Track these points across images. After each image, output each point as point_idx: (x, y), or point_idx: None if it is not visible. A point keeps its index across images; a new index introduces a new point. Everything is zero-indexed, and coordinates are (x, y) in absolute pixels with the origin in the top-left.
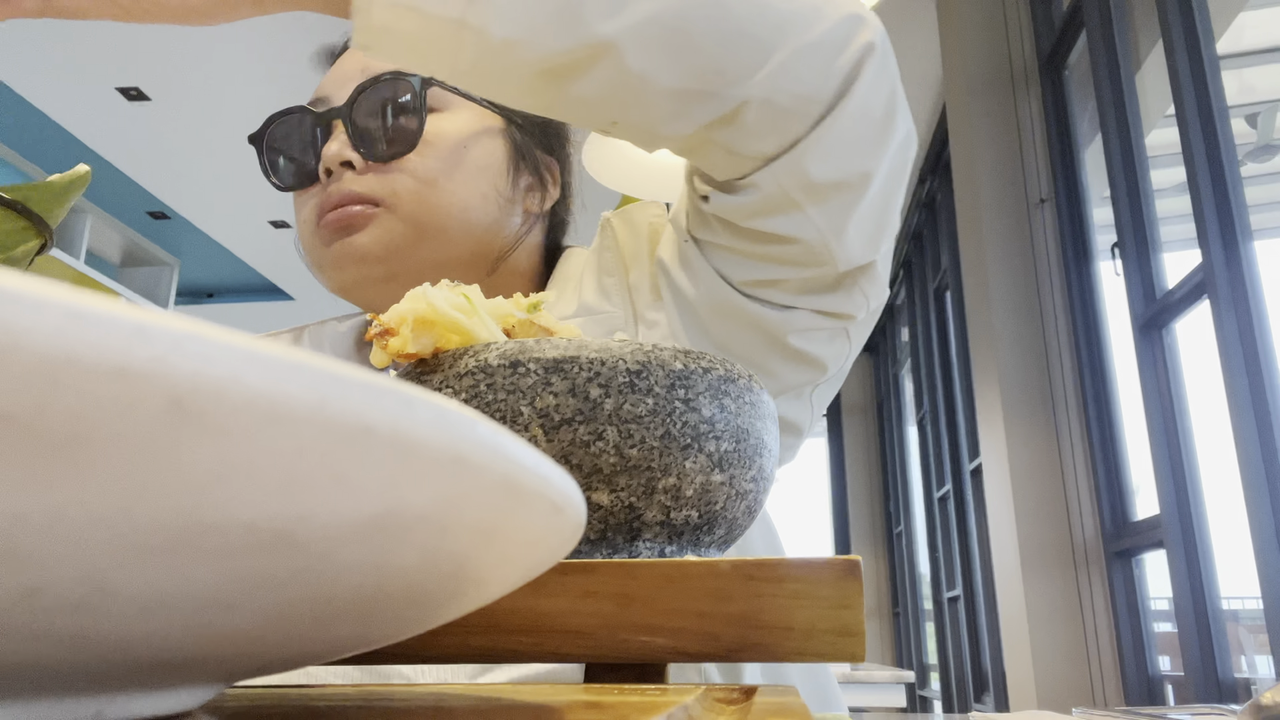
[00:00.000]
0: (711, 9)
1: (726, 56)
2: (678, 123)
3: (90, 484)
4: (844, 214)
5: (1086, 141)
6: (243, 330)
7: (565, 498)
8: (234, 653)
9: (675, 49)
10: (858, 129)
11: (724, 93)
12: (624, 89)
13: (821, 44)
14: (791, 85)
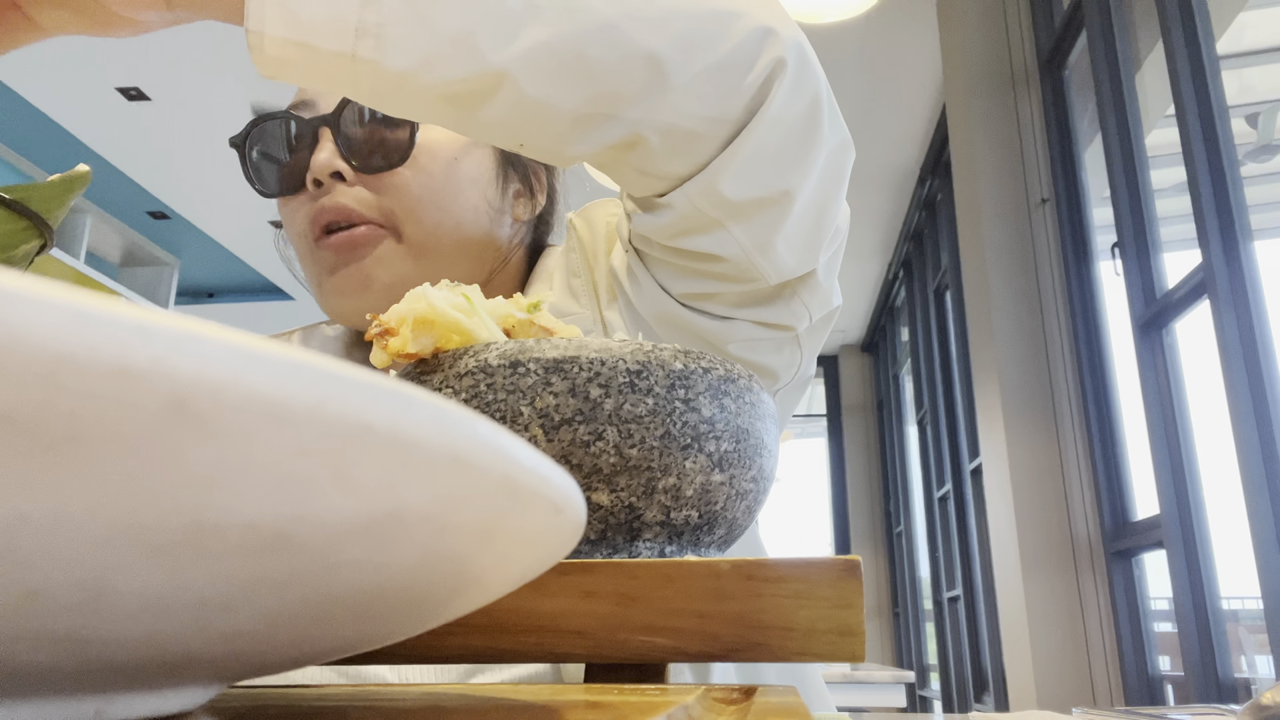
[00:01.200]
0: (606, 33)
1: (623, 80)
2: (581, 145)
3: (90, 484)
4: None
5: (1086, 141)
6: (243, 330)
7: (565, 498)
8: (234, 653)
9: (570, 75)
10: (774, 146)
11: (623, 115)
12: (525, 114)
13: (726, 64)
14: (695, 108)
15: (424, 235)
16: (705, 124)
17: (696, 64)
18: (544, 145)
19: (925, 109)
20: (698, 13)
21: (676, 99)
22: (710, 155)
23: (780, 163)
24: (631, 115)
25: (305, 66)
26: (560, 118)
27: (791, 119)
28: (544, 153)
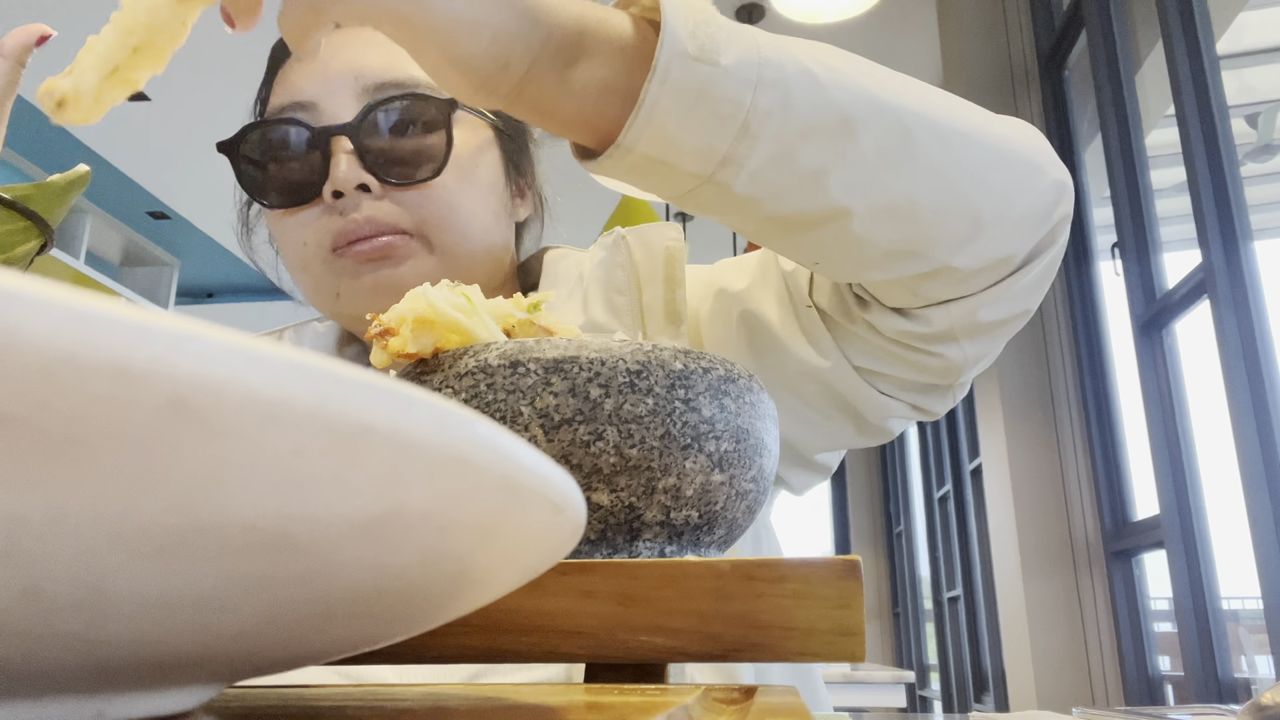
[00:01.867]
0: (939, 184)
1: (942, 228)
2: (879, 273)
3: (90, 484)
4: (994, 344)
5: (1086, 141)
6: (243, 330)
7: (565, 498)
8: (234, 653)
9: (899, 219)
10: (1037, 280)
11: (932, 256)
12: (842, 245)
13: (1030, 214)
14: (995, 252)
15: (454, 243)
16: (997, 265)
17: (1008, 215)
18: (843, 266)
19: None
20: (1011, 164)
21: (983, 246)
22: (985, 287)
23: (1033, 293)
24: (938, 256)
25: (647, 175)
26: (874, 251)
27: (1054, 258)
28: (841, 272)
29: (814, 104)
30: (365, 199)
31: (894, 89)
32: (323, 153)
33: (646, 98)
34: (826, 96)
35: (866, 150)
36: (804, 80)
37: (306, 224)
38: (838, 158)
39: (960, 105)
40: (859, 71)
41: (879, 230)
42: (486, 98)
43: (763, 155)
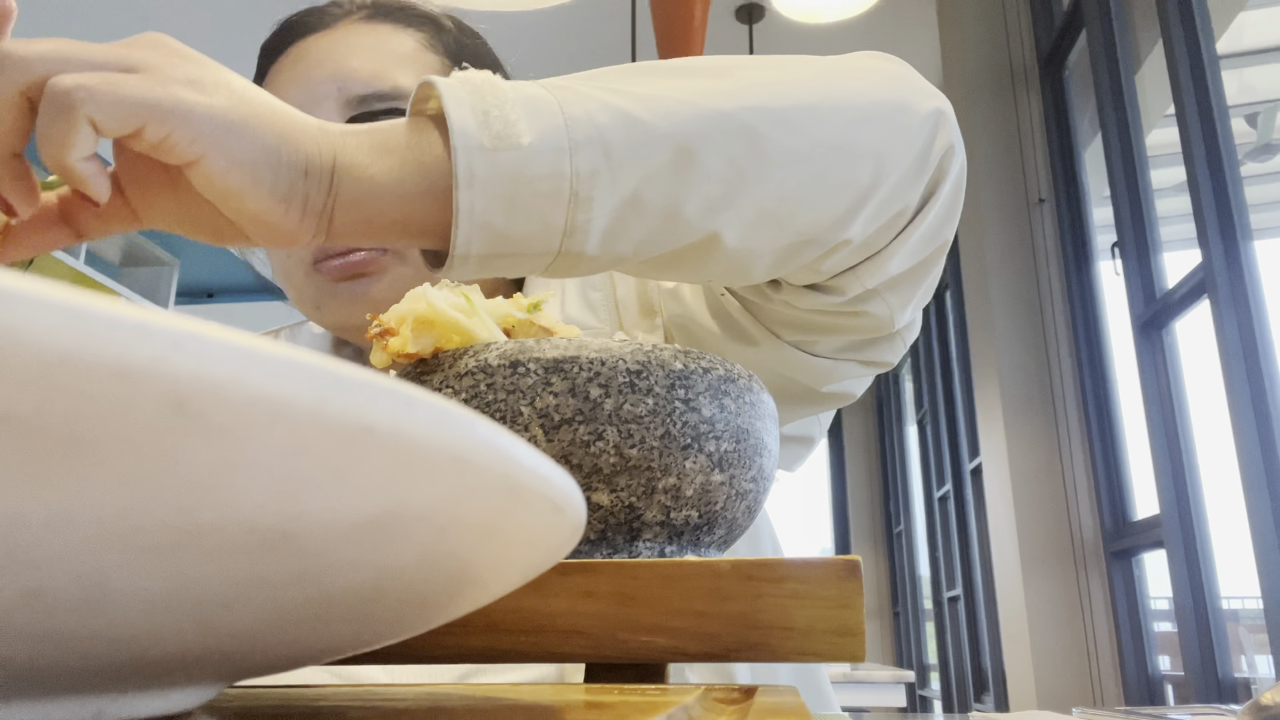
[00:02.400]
0: (801, 172)
1: (822, 212)
2: (775, 272)
3: (90, 484)
4: (917, 286)
5: (1086, 141)
6: (243, 330)
7: (565, 498)
8: (234, 653)
9: (774, 222)
10: (939, 218)
11: (821, 239)
12: (725, 262)
13: (908, 161)
14: (885, 213)
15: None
16: (891, 221)
17: (887, 174)
18: (738, 278)
19: None
20: (873, 117)
21: (873, 212)
22: (886, 244)
23: (942, 229)
24: (830, 237)
25: (498, 268)
26: (761, 256)
27: (953, 188)
28: (735, 283)
29: (640, 144)
30: None
31: (725, 90)
32: None
33: (460, 206)
34: (650, 131)
35: (713, 167)
36: (620, 123)
37: None
38: (684, 187)
39: (801, 73)
40: (680, 87)
41: (757, 239)
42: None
43: (604, 214)
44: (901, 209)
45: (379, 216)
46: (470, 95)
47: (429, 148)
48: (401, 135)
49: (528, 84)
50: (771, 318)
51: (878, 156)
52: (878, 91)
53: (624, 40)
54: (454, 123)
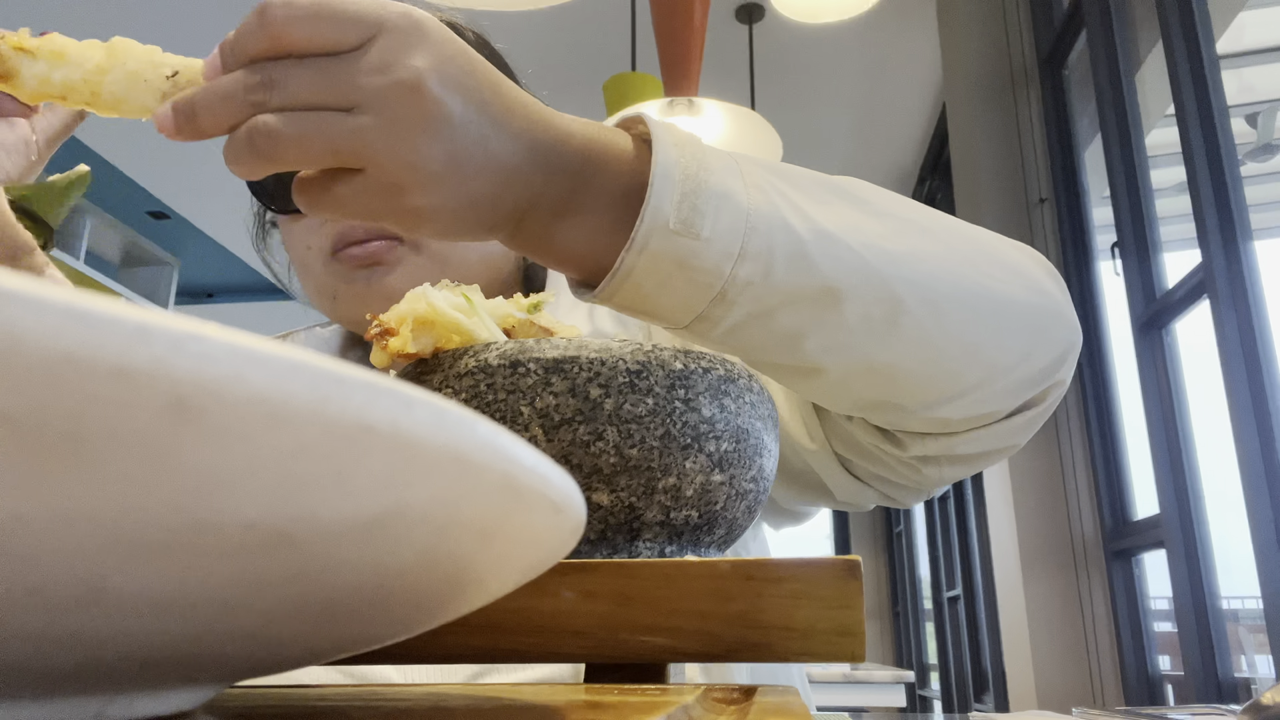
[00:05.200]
0: (922, 353)
1: (922, 391)
2: (856, 411)
3: (90, 484)
4: (970, 469)
5: (1086, 141)
6: (243, 330)
7: (565, 498)
8: (234, 653)
9: (877, 381)
10: (1021, 427)
11: (914, 410)
12: (816, 389)
13: (1023, 384)
14: (978, 410)
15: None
16: (979, 417)
17: (999, 383)
18: (818, 400)
19: (925, 109)
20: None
21: (965, 405)
22: (964, 430)
23: (1018, 435)
24: (916, 411)
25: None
26: (849, 398)
27: (1045, 410)
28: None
29: (798, 275)
30: None
31: (895, 252)
32: None
33: (622, 265)
34: (812, 268)
35: (850, 319)
36: (791, 251)
37: (311, 229)
38: (817, 324)
39: (970, 254)
40: (861, 230)
41: (855, 386)
42: (484, 235)
43: (738, 316)
44: (993, 411)
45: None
46: (680, 172)
47: (627, 178)
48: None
49: (730, 164)
50: (832, 428)
51: (998, 367)
52: (1028, 307)
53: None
54: (655, 194)
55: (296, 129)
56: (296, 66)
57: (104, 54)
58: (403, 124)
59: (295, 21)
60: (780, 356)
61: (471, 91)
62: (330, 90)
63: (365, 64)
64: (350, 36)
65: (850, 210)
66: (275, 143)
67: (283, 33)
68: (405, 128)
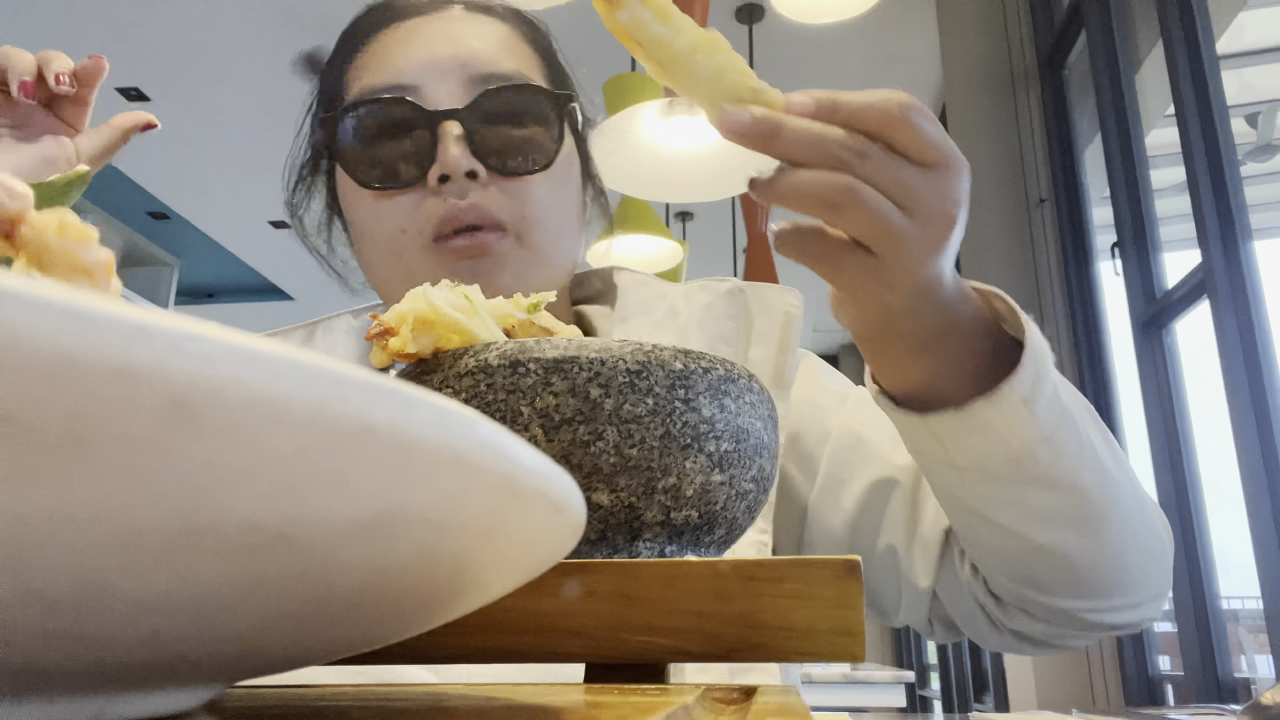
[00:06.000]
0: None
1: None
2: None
3: (90, 484)
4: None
5: (1086, 141)
6: (243, 330)
7: (565, 498)
8: (234, 653)
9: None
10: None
11: (1058, 599)
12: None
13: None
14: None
15: (545, 242)
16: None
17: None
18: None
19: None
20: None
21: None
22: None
23: (1076, 641)
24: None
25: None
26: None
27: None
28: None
29: (1067, 471)
30: (471, 186)
31: (1115, 476)
32: (431, 137)
33: (971, 408)
34: (1078, 469)
35: (1072, 509)
36: (1073, 453)
37: (407, 210)
38: (1051, 503)
39: (1144, 502)
40: (1101, 453)
41: (1033, 558)
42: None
43: (1008, 474)
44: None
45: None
46: (1038, 356)
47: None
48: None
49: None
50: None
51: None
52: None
53: None
54: (1021, 370)
55: (871, 201)
56: (891, 156)
57: (703, 35)
58: (929, 242)
59: (912, 125)
60: (997, 512)
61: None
62: (903, 190)
63: (936, 183)
64: (934, 157)
65: (1098, 435)
66: (849, 197)
67: (899, 125)
68: (928, 245)
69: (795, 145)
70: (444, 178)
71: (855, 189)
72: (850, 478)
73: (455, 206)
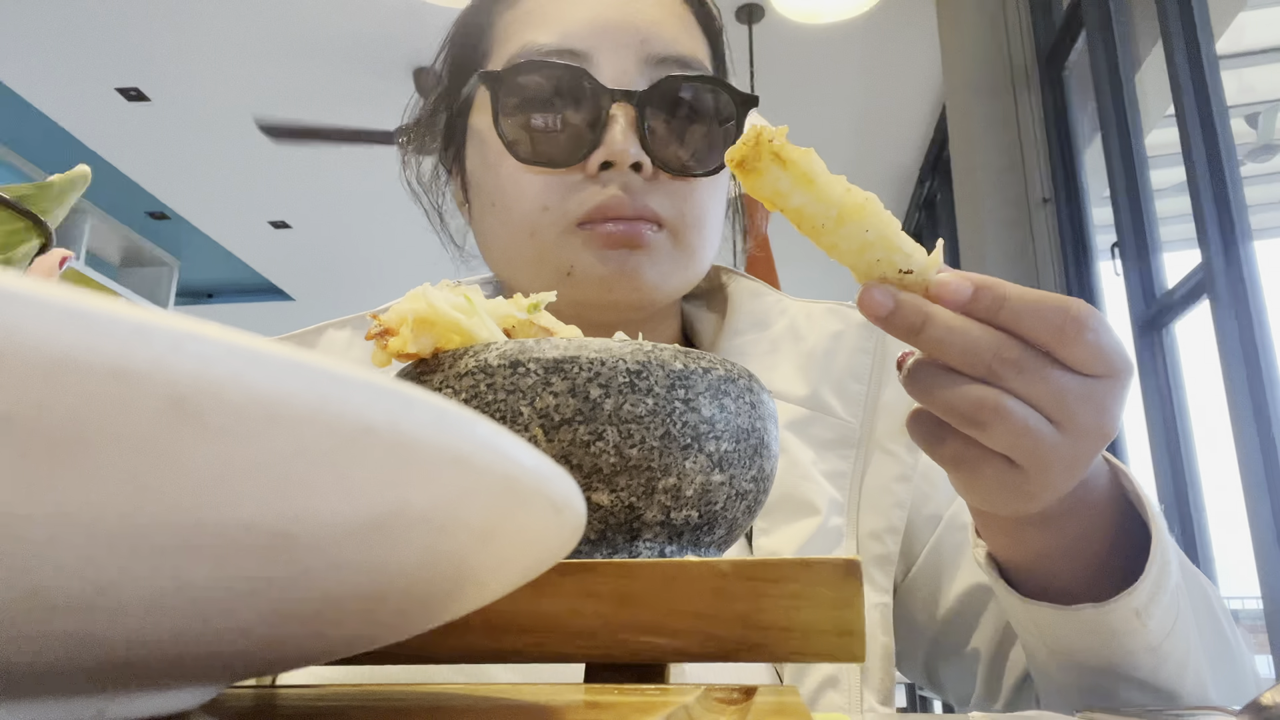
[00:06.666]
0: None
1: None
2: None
3: (90, 484)
4: None
5: (1086, 141)
6: (243, 330)
7: (565, 498)
8: (234, 653)
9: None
10: None
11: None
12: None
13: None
14: None
15: (698, 246)
16: None
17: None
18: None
19: (925, 109)
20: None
21: None
22: None
23: None
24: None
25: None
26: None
27: None
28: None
29: (1166, 677)
30: (633, 178)
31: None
32: (599, 116)
33: (1081, 613)
34: (1177, 677)
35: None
36: (1179, 661)
37: (558, 191)
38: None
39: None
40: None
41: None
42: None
43: (1098, 673)
44: None
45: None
46: (1159, 571)
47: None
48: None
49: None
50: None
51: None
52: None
53: None
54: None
55: (1020, 419)
56: (1051, 367)
57: (850, 204)
58: (1079, 457)
59: (1085, 342)
60: (1081, 697)
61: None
62: (1058, 405)
63: (1095, 396)
64: (1100, 368)
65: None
66: (996, 416)
67: (1072, 341)
68: (1077, 460)
69: (942, 346)
70: (606, 164)
71: (1004, 409)
72: (955, 572)
73: (614, 197)
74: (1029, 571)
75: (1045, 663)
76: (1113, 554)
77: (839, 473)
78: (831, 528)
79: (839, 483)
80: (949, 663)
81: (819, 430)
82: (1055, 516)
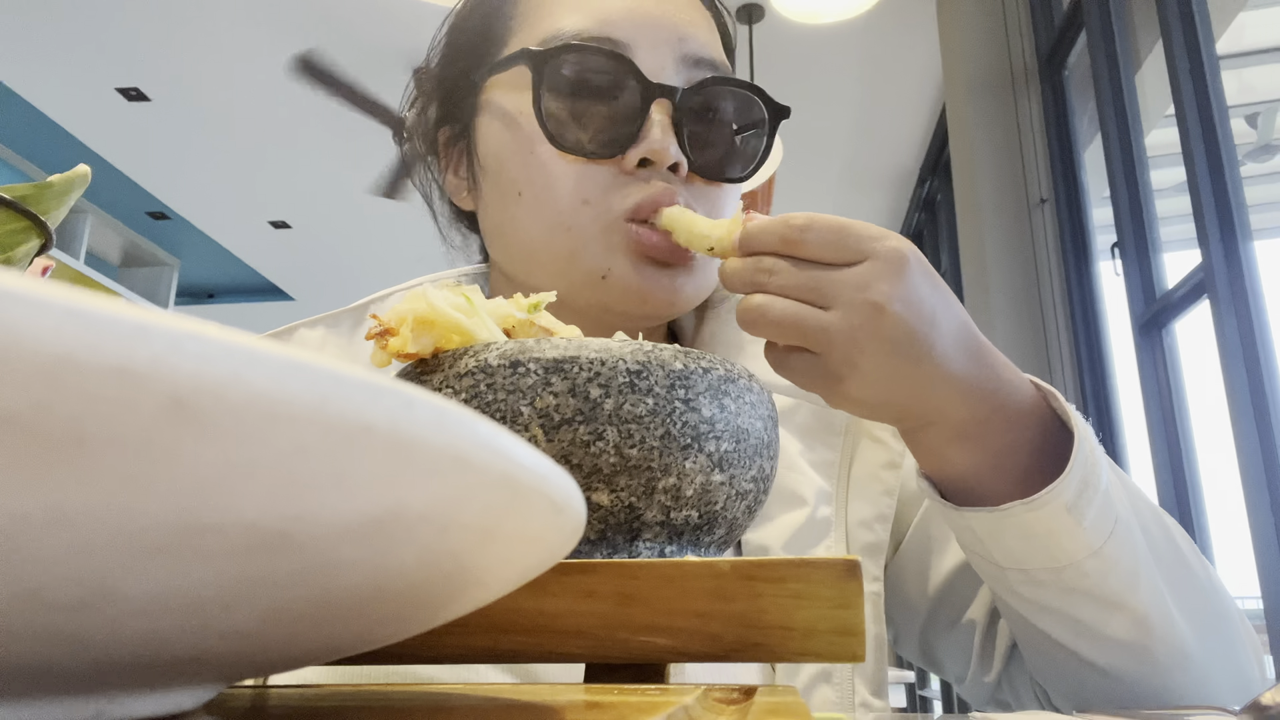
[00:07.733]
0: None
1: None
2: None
3: (90, 484)
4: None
5: (1086, 141)
6: (243, 330)
7: (565, 497)
8: (234, 653)
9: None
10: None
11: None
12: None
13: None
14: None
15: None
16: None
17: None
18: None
19: (925, 109)
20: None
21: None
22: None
23: None
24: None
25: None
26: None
27: None
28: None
29: (1120, 590)
30: (670, 179)
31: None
32: (640, 110)
33: (1010, 511)
34: (1134, 589)
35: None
36: (1129, 570)
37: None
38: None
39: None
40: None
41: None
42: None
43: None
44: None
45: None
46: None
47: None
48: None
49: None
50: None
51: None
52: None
53: None
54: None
55: (779, 310)
56: (795, 267)
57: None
58: (859, 332)
59: (806, 238)
60: (1040, 618)
61: (925, 324)
62: (814, 292)
63: (848, 278)
64: (844, 258)
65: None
66: (762, 315)
67: (799, 240)
68: (860, 335)
69: (730, 284)
70: (645, 162)
71: (762, 306)
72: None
73: (666, 191)
74: (963, 486)
75: (1000, 592)
76: (1044, 470)
77: (826, 461)
78: (820, 518)
79: (827, 471)
80: (945, 638)
81: (803, 418)
82: (972, 432)
